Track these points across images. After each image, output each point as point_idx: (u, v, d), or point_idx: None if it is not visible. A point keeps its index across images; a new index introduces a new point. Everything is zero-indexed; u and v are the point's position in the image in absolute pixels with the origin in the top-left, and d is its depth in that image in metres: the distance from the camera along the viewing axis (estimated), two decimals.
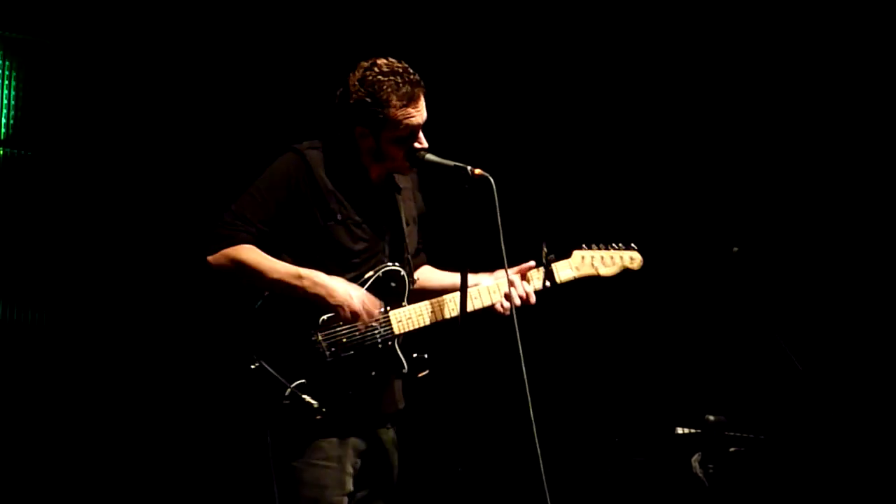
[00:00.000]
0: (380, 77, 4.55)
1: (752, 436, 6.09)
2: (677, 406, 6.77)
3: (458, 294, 4.61)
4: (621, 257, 5.04)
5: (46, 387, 6.59)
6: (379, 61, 4.60)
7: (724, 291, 6.54)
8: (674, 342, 7.24)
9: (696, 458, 6.04)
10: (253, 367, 4.39)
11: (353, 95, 4.56)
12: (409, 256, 4.75)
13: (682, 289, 7.22)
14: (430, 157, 4.59)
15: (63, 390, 6.61)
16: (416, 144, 4.60)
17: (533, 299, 4.79)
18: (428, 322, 4.66)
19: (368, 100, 4.54)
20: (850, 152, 7.18)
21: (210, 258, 4.48)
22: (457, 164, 4.52)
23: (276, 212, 4.52)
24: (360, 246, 4.60)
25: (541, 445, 4.35)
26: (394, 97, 4.54)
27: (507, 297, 4.69)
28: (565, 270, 4.92)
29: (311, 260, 4.53)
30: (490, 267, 4.76)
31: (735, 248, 6.05)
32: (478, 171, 4.47)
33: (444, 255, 5.26)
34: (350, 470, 4.52)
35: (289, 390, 4.39)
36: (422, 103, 4.61)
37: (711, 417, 6.08)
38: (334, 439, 4.50)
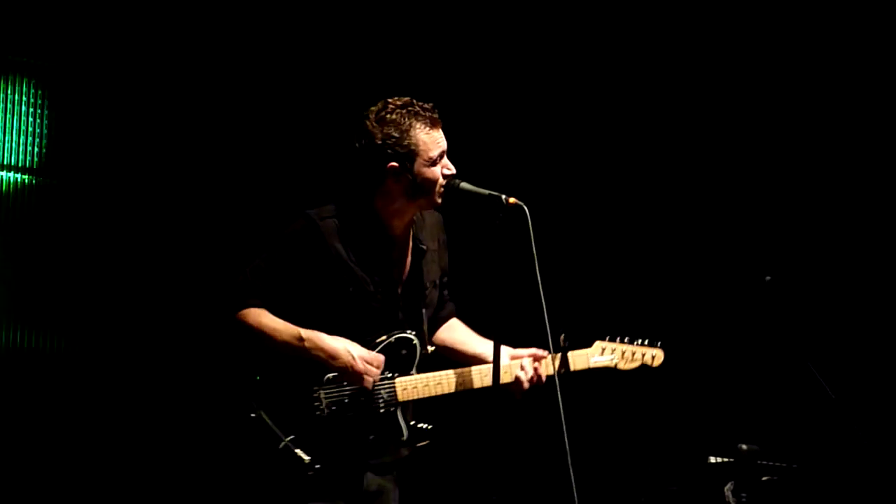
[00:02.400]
0: (398, 111, 4.58)
1: (784, 465, 6.08)
2: (710, 435, 6.76)
3: (465, 370, 4.68)
4: (643, 354, 5.01)
5: (61, 413, 6.61)
6: (389, 100, 4.63)
7: (756, 320, 6.54)
8: (706, 371, 7.24)
9: (728, 487, 6.03)
10: (252, 415, 4.42)
11: (378, 136, 4.57)
12: (426, 324, 4.73)
13: (716, 318, 7.22)
14: (464, 185, 4.60)
15: (75, 418, 6.64)
16: (446, 171, 4.63)
17: (543, 380, 4.78)
18: (433, 394, 4.65)
19: (395, 134, 4.55)
20: (883, 180, 7.19)
21: (224, 323, 4.53)
22: (491, 192, 4.54)
23: (285, 283, 4.53)
24: (371, 315, 4.60)
25: (574, 474, 4.35)
26: (418, 123, 4.57)
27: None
28: (581, 360, 4.91)
29: (323, 329, 4.53)
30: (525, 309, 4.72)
31: (767, 277, 6.05)
32: (512, 199, 4.49)
33: (477, 288, 5.28)
34: None
35: (283, 443, 4.40)
36: (441, 130, 4.64)
37: (744, 446, 6.08)
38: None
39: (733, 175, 7.39)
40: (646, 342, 5.04)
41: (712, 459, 6.13)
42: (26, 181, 6.68)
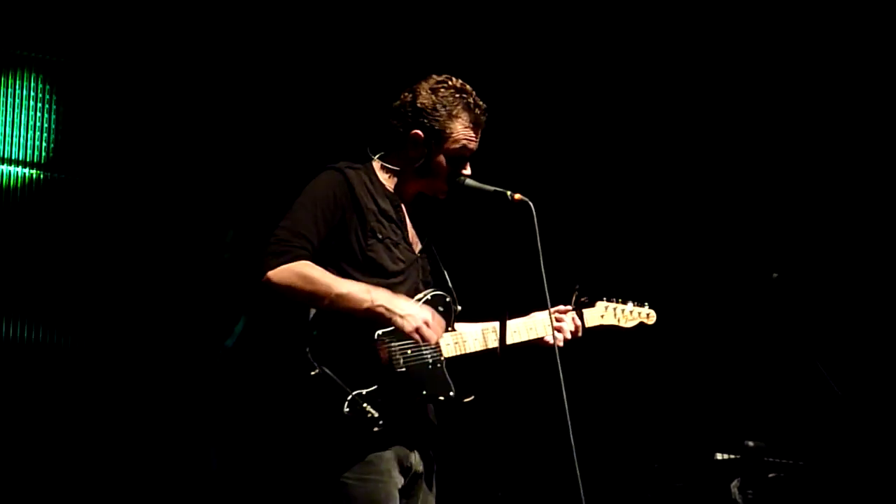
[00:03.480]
0: (454, 93, 4.57)
1: (791, 462, 6.09)
2: (717, 432, 6.77)
3: (510, 322, 4.64)
4: (639, 313, 5.13)
5: (70, 408, 6.62)
6: (452, 78, 4.63)
7: (763, 317, 6.54)
8: (713, 368, 7.24)
9: (735, 484, 6.05)
10: (313, 373, 4.34)
11: (422, 100, 4.56)
12: (450, 282, 4.70)
13: (723, 315, 7.22)
14: (470, 181, 4.60)
15: (106, 404, 6.65)
16: (462, 171, 4.61)
17: (581, 332, 4.86)
18: (476, 349, 4.63)
19: (438, 108, 4.54)
20: (889, 178, 7.19)
21: (271, 273, 4.34)
22: (496, 189, 4.54)
23: (325, 228, 4.46)
24: (397, 266, 4.55)
25: (581, 471, 4.35)
26: (464, 114, 4.56)
27: (558, 329, 4.75)
28: (592, 317, 4.99)
29: (351, 277, 4.46)
30: (529, 301, 4.72)
31: (775, 274, 6.05)
32: (517, 195, 4.49)
33: (483, 284, 5.27)
34: (398, 481, 4.43)
35: (350, 397, 4.32)
36: (480, 133, 4.64)
37: (751, 443, 6.10)
38: (381, 452, 4.40)
39: (741, 172, 7.39)
40: (637, 303, 5.13)
41: (719, 456, 6.15)
42: (34, 176, 6.68)
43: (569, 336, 4.79)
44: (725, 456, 6.13)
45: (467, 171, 4.63)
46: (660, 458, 6.70)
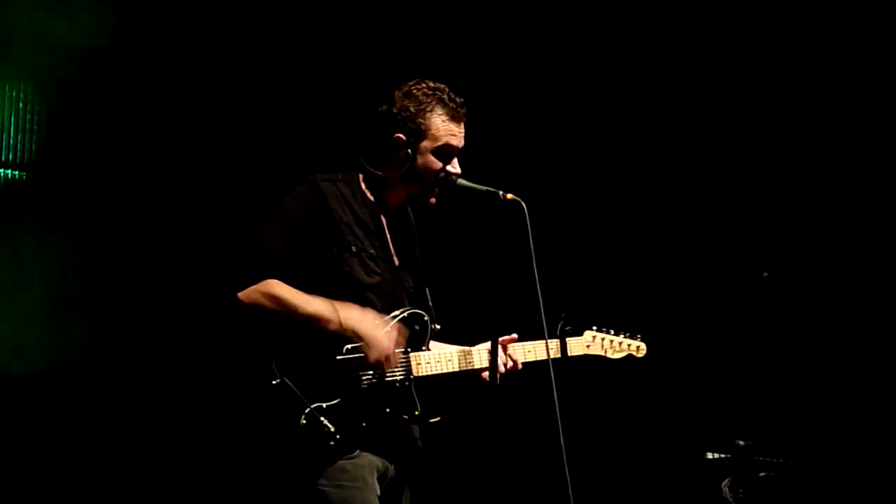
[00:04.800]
0: (427, 92, 4.60)
1: (781, 461, 6.10)
2: (707, 431, 6.78)
3: (474, 350, 4.67)
4: (629, 345, 5.12)
5: (63, 405, 6.62)
6: (427, 81, 4.65)
7: (754, 316, 6.55)
8: (704, 367, 7.24)
9: (726, 483, 6.06)
10: (275, 382, 4.37)
11: (397, 105, 4.60)
12: (430, 301, 4.72)
13: (713, 314, 7.23)
14: (462, 181, 4.60)
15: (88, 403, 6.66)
16: (450, 168, 4.62)
17: (519, 367, 4.77)
18: (444, 371, 4.63)
19: (412, 108, 4.57)
20: (879, 177, 7.20)
21: (240, 295, 4.42)
22: (489, 188, 4.54)
23: (294, 244, 4.50)
24: (373, 280, 4.57)
25: (571, 470, 4.35)
26: (440, 109, 4.58)
27: (491, 363, 4.61)
28: (577, 347, 4.99)
29: (325, 291, 4.49)
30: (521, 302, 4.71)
31: (765, 274, 6.07)
32: (510, 195, 4.49)
33: (474, 282, 5.27)
34: (375, 488, 4.45)
35: (308, 409, 4.36)
36: (462, 128, 4.64)
37: (741, 442, 6.10)
38: (355, 459, 4.43)
39: (731, 172, 7.40)
40: (628, 334, 5.12)
41: (709, 456, 6.15)
42: (19, 177, 6.68)
43: (503, 370, 4.70)
44: (716, 455, 6.13)
45: (457, 168, 4.63)
46: (651, 457, 6.71)
